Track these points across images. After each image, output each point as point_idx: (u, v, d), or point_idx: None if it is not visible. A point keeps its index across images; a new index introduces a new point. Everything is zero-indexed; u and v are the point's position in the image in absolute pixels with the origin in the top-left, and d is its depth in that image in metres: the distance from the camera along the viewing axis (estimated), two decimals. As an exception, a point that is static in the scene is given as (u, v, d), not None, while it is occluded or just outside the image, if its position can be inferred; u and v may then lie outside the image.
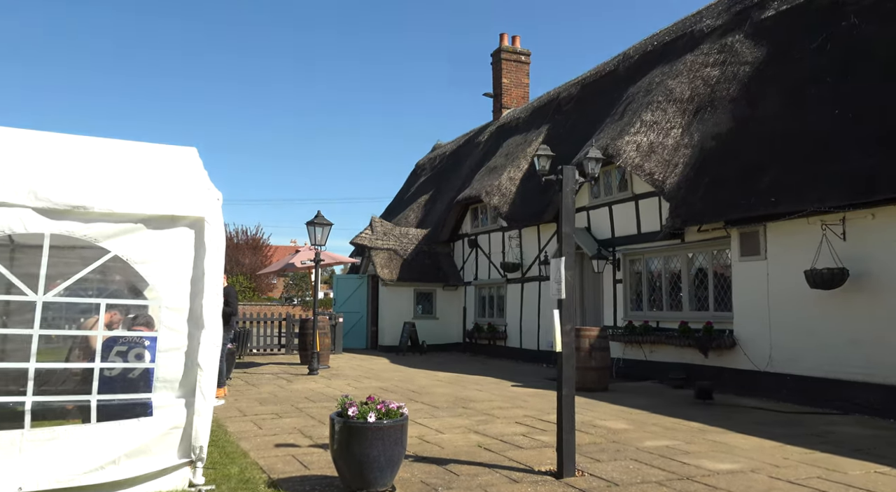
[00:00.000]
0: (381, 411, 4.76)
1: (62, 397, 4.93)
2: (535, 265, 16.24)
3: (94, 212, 4.78)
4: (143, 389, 4.97)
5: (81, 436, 4.60)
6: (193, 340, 5.00)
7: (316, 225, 13.05)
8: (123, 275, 5.83)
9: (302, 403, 9.14)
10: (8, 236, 4.73)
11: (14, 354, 5.57)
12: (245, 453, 6.04)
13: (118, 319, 6.15)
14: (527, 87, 22.42)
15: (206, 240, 5.08)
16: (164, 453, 4.83)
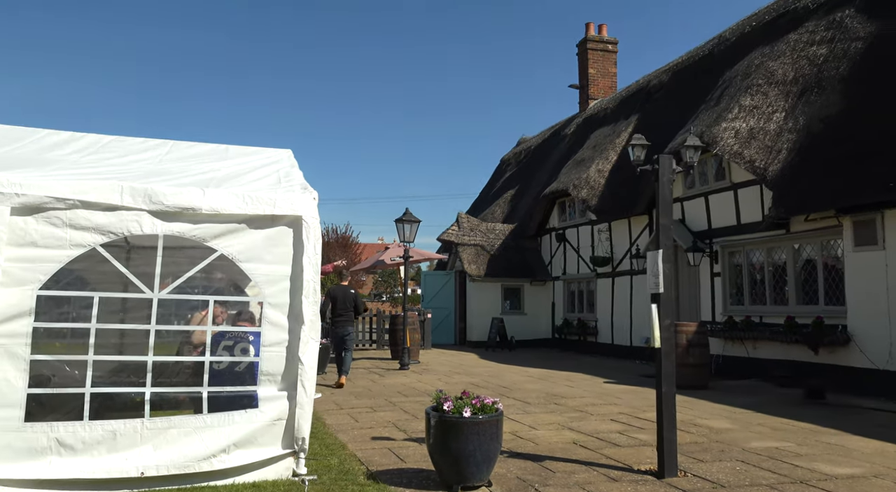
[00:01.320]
0: (477, 407, 4.76)
1: (176, 389, 5.23)
2: (627, 259, 15.80)
3: (202, 213, 5.03)
4: (248, 382, 5.19)
5: (195, 425, 4.86)
6: (294, 335, 5.17)
7: (404, 222, 13.23)
8: (228, 273, 6.12)
9: (395, 397, 9.30)
10: (124, 238, 5.05)
11: (131, 348, 5.97)
12: (343, 445, 6.20)
13: (223, 316, 6.47)
14: (614, 76, 21.82)
15: (303, 238, 5.24)
16: (269, 443, 5.04)
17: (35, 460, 4.50)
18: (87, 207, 4.77)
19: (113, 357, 5.19)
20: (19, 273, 4.58)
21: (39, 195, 4.62)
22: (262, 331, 5.17)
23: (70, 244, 4.74)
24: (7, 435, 4.44)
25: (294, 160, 7.34)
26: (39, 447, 4.51)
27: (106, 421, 4.70)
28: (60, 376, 5.24)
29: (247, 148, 7.80)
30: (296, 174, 6.42)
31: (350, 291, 11.23)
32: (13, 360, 4.51)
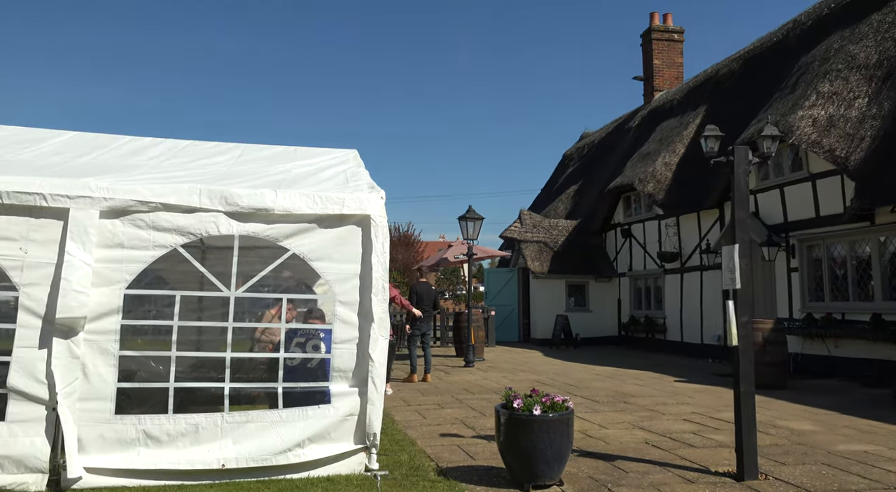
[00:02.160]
0: (547, 404, 4.71)
1: (253, 384, 5.41)
2: (696, 254, 15.33)
3: (275, 214, 5.17)
4: (321, 378, 5.31)
5: (271, 419, 5.00)
6: (364, 332, 5.25)
7: (468, 220, 13.24)
8: (299, 272, 6.27)
9: (461, 394, 9.32)
10: (200, 239, 5.23)
11: (208, 345, 6.20)
12: (413, 441, 6.26)
13: (293, 314, 6.64)
14: (680, 67, 21.18)
15: (372, 236, 5.31)
16: (341, 438, 5.13)
17: (125, 450, 4.73)
18: (169, 209, 4.98)
19: (194, 353, 5.41)
20: (108, 273, 4.82)
21: (125, 199, 4.85)
22: (333, 328, 5.26)
23: (153, 245, 4.95)
24: (99, 426, 4.68)
25: (360, 160, 7.46)
26: (129, 439, 4.74)
27: (189, 415, 4.89)
28: (145, 370, 5.50)
29: (314, 149, 7.98)
30: (362, 174, 6.52)
31: (432, 288, 11.35)
32: (104, 356, 4.75)
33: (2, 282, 5.18)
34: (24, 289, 4.64)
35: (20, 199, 4.66)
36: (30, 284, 4.66)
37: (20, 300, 4.65)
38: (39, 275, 4.69)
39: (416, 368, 10.78)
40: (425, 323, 10.97)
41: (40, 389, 4.59)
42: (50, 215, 4.74)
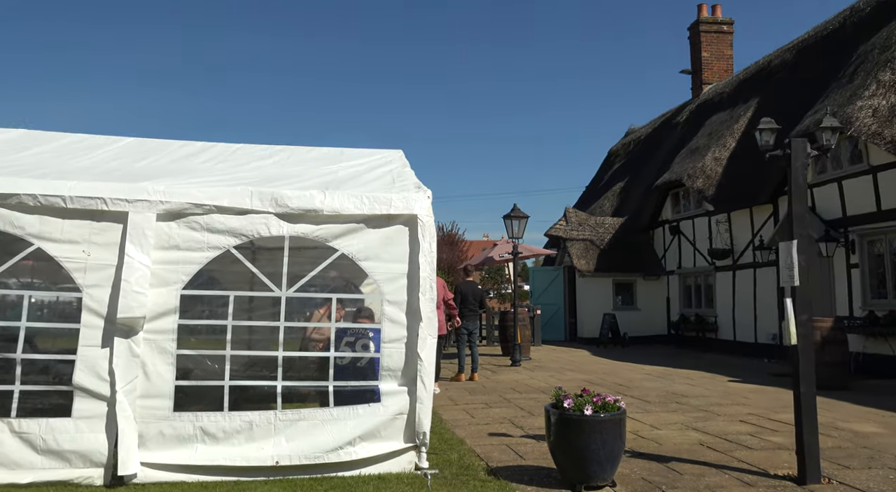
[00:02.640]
0: (598, 404, 4.64)
1: (305, 383, 5.49)
2: (749, 251, 14.91)
3: (323, 214, 5.23)
4: (370, 377, 5.35)
5: (322, 417, 5.07)
6: (412, 332, 5.27)
7: (513, 218, 13.18)
8: (346, 271, 6.33)
9: (508, 393, 9.28)
10: (250, 241, 5.32)
11: (258, 344, 6.33)
12: (461, 440, 6.26)
13: (342, 313, 6.70)
14: (730, 59, 20.63)
15: (419, 236, 5.33)
16: (391, 437, 5.17)
17: (183, 447, 4.87)
18: (222, 211, 5.09)
19: (248, 352, 5.52)
20: (165, 274, 4.97)
21: (181, 202, 4.99)
22: (381, 328, 5.30)
23: (208, 246, 5.08)
24: (159, 423, 4.83)
25: (405, 160, 7.49)
26: (186, 435, 4.87)
27: (243, 412, 5.00)
28: (200, 369, 5.65)
29: (360, 150, 8.05)
30: (408, 174, 6.55)
31: (477, 287, 11.33)
32: (162, 354, 4.89)
33: (66, 283, 5.39)
34: (87, 290, 4.82)
35: (82, 203, 4.84)
36: (92, 286, 4.83)
37: (83, 301, 4.82)
38: (101, 276, 4.86)
39: (463, 367, 10.77)
40: (472, 322, 10.94)
41: (103, 386, 4.76)
42: (110, 219, 4.91)
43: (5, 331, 5.30)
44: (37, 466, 4.60)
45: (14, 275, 5.19)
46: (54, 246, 4.83)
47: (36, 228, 4.79)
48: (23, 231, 4.78)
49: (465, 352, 10.92)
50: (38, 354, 5.09)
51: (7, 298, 7.24)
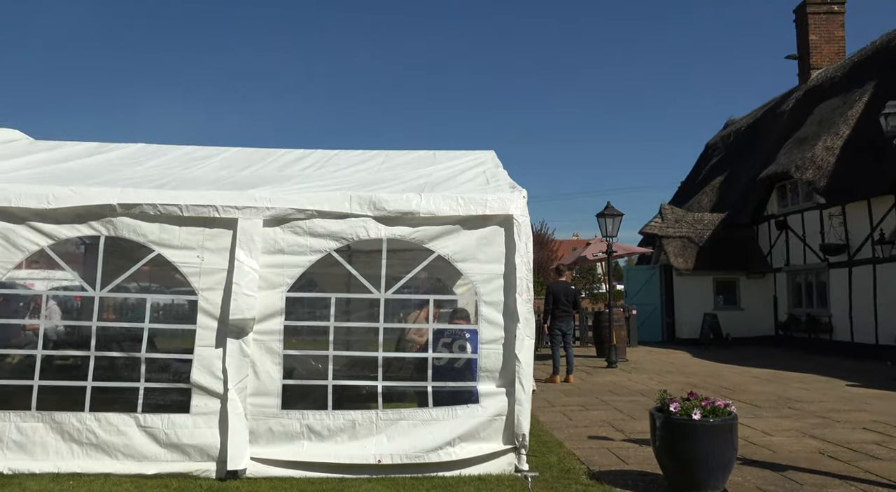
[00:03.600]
0: (707, 409, 4.44)
1: (405, 383, 5.57)
2: (867, 246, 13.83)
3: (420, 217, 5.30)
4: (468, 378, 5.36)
5: (422, 418, 5.13)
6: (510, 333, 5.24)
7: (606, 216, 12.86)
8: (439, 272, 6.38)
9: (606, 395, 9.06)
10: (346, 245, 5.44)
11: (356, 345, 6.48)
12: (560, 443, 6.16)
13: (437, 314, 6.73)
14: (841, 41, 19.21)
15: (515, 236, 5.29)
16: (490, 438, 5.15)
17: (290, 443, 5.06)
18: (323, 216, 5.26)
19: (350, 352, 5.66)
20: (272, 277, 5.18)
21: (285, 208, 5.19)
22: (479, 329, 5.30)
23: (310, 250, 5.26)
24: (268, 420, 5.04)
25: (498, 160, 7.47)
26: (294, 432, 5.06)
27: (346, 411, 5.14)
28: (304, 368, 5.85)
29: (452, 152, 8.10)
30: (502, 174, 6.52)
31: (570, 287, 11.16)
32: (270, 354, 5.11)
33: (183, 287, 5.74)
34: (201, 293, 5.11)
35: (196, 211, 5.13)
36: (207, 289, 5.11)
37: (199, 303, 5.11)
38: (214, 280, 5.13)
39: (558, 368, 10.62)
40: (566, 322, 10.76)
41: (217, 384, 5.02)
42: (221, 225, 5.18)
43: (130, 332, 5.71)
44: (160, 458, 4.92)
45: (134, 279, 5.56)
46: (172, 252, 5.14)
47: (156, 236, 5.13)
48: (145, 238, 5.13)
49: (560, 353, 10.76)
50: (159, 354, 5.43)
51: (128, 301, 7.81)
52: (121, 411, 4.98)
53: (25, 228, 5.05)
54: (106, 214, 5.10)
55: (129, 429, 4.93)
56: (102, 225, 5.11)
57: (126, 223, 5.12)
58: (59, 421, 4.91)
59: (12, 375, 5.32)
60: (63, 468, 4.80)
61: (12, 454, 4.84)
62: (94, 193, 5.08)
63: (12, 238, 5.03)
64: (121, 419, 4.94)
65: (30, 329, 8.49)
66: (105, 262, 5.22)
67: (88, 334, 5.70)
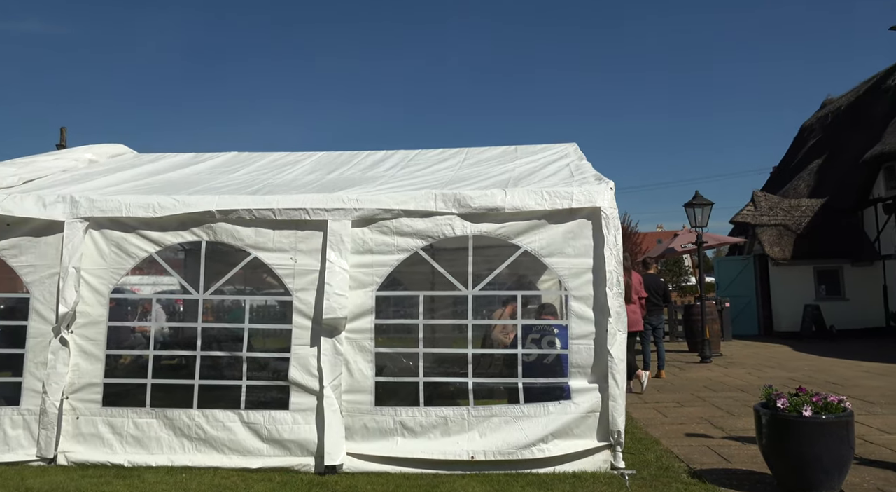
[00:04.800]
0: (819, 405, 4.19)
1: (495, 380, 5.56)
2: None
3: (505, 212, 5.27)
4: (559, 374, 5.29)
5: (514, 414, 5.11)
6: (601, 327, 5.13)
7: (695, 206, 12.39)
8: (522, 268, 6.31)
9: (701, 391, 8.72)
10: (431, 243, 5.47)
11: (440, 342, 6.51)
12: (656, 440, 5.98)
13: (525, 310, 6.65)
14: (951, 4, 17.67)
15: (603, 229, 5.17)
16: (584, 435, 5.07)
17: (384, 439, 5.15)
18: (409, 215, 5.32)
19: (439, 350, 5.71)
20: (361, 277, 5.29)
21: (372, 208, 5.29)
22: (568, 324, 5.22)
23: (397, 249, 5.33)
24: (363, 417, 5.16)
25: (581, 153, 7.34)
26: (387, 428, 5.15)
27: (438, 408, 5.18)
28: (395, 366, 5.94)
29: (534, 146, 8.03)
30: (586, 166, 6.40)
31: (659, 280, 10.85)
32: (363, 352, 5.22)
33: (275, 288, 5.95)
34: (296, 294, 5.28)
35: (289, 215, 5.31)
36: (300, 290, 5.28)
37: (293, 304, 5.29)
38: (307, 281, 5.29)
39: (649, 364, 10.31)
40: (655, 316, 10.44)
41: (313, 382, 5.18)
42: (312, 227, 5.34)
43: (230, 332, 5.98)
44: (263, 453, 5.12)
45: (230, 282, 5.81)
46: (267, 254, 5.35)
47: (252, 239, 5.35)
48: (242, 242, 5.35)
49: (651, 348, 10.44)
50: (259, 353, 5.65)
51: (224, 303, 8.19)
52: (225, 408, 5.22)
53: (135, 235, 5.38)
54: (206, 221, 5.35)
55: (234, 425, 5.17)
56: (203, 231, 5.38)
57: (224, 228, 5.36)
58: (171, 417, 5.20)
59: (125, 374, 5.68)
60: (176, 462, 5.09)
61: (131, 448, 5.17)
62: (194, 201, 5.35)
63: (124, 246, 5.38)
64: (226, 416, 5.19)
65: (139, 331, 9.09)
66: (204, 266, 5.48)
67: (190, 335, 6.02)
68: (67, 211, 5.36)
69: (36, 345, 5.30)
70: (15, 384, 5.31)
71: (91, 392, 5.26)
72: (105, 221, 5.38)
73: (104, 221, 5.38)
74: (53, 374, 5.19)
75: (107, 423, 5.22)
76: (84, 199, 5.40)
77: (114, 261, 5.38)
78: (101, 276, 5.36)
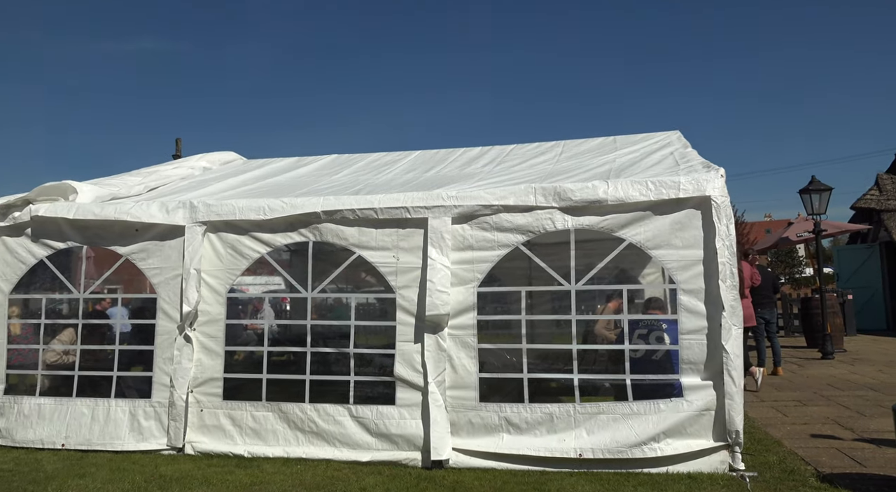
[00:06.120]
0: (970, 406, 3.79)
1: (602, 376, 5.42)
2: None
3: (608, 204, 5.12)
4: (669, 370, 5.09)
5: (622, 412, 4.96)
6: (713, 322, 4.90)
7: (812, 192, 11.57)
8: (623, 262, 6.10)
9: (825, 390, 8.13)
10: (529, 239, 5.37)
11: (540, 337, 6.41)
12: (777, 441, 5.63)
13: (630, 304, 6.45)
14: None
15: (714, 219, 4.93)
16: (698, 434, 4.85)
17: (489, 435, 5.14)
18: (508, 210, 5.28)
19: (543, 345, 5.63)
20: (462, 273, 5.31)
21: (471, 205, 5.29)
22: (678, 318, 5.01)
23: (498, 245, 5.31)
24: (467, 413, 5.17)
25: (685, 140, 7.05)
26: (492, 424, 5.14)
27: (543, 404, 5.12)
28: (498, 362, 5.91)
29: (634, 136, 7.77)
30: (692, 154, 6.13)
31: (768, 271, 10.27)
32: (466, 348, 5.24)
33: (377, 286, 6.07)
34: (399, 291, 5.37)
35: (390, 213, 5.41)
36: (403, 287, 5.36)
37: (397, 301, 5.38)
38: (409, 278, 5.37)
39: (764, 360, 9.75)
40: (768, 310, 9.86)
41: (418, 378, 5.25)
42: (413, 225, 5.41)
43: (336, 329, 6.17)
44: (372, 447, 5.25)
45: (333, 281, 5.98)
46: (370, 253, 5.47)
47: (356, 239, 5.49)
48: (346, 242, 5.51)
49: (765, 344, 9.86)
50: (365, 349, 5.79)
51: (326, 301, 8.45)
52: (334, 402, 5.40)
53: (248, 238, 5.65)
54: (312, 221, 5.54)
55: (344, 419, 5.33)
56: (310, 231, 5.57)
57: (329, 228, 5.53)
58: (285, 411, 5.43)
59: (241, 370, 5.99)
60: (291, 453, 5.31)
61: (250, 440, 5.45)
62: (301, 203, 5.55)
63: (238, 247, 5.66)
64: (336, 410, 5.36)
65: (250, 328, 9.58)
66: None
67: (297, 332, 6.24)
68: (187, 216, 5.70)
69: (163, 342, 5.68)
70: (146, 378, 5.72)
71: (213, 386, 5.58)
72: (221, 224, 5.69)
73: (220, 224, 5.69)
74: (179, 369, 5.55)
75: (227, 415, 5.52)
76: (201, 204, 5.73)
77: (229, 262, 5.68)
78: (219, 276, 5.67)
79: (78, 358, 5.96)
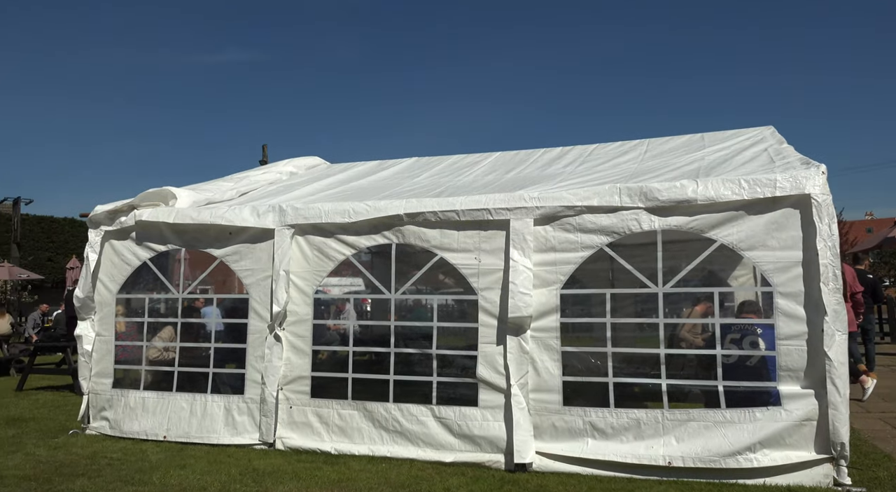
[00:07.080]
0: None
1: (693, 382, 5.23)
2: None
3: (697, 204, 4.94)
4: (765, 377, 4.85)
5: (714, 419, 4.77)
6: (814, 327, 4.63)
7: (921, 187, 10.73)
8: (712, 263, 5.84)
9: (939, 402, 7.53)
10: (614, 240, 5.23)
11: (622, 341, 6.23)
12: (888, 455, 5.26)
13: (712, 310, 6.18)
14: None
15: (815, 218, 4.65)
16: (798, 446, 4.60)
17: (574, 440, 5.06)
18: (592, 211, 5.18)
19: (629, 349, 5.49)
20: (545, 275, 5.25)
21: (554, 206, 5.23)
22: (775, 323, 4.77)
23: (581, 246, 5.22)
24: (551, 416, 5.11)
25: (780, 136, 6.72)
26: (577, 429, 5.05)
27: (629, 409, 4.98)
28: (582, 365, 5.81)
29: (723, 133, 7.47)
30: (788, 150, 5.83)
31: (868, 276, 9.66)
32: (549, 351, 5.18)
33: (457, 287, 6.08)
34: (481, 293, 5.37)
35: (471, 215, 5.42)
36: (485, 289, 5.36)
37: (479, 303, 5.38)
38: (491, 280, 5.36)
39: (874, 366, 9.16)
40: (865, 317, 9.29)
41: (500, 380, 5.23)
42: (494, 227, 5.40)
43: (418, 330, 6.23)
44: (455, 448, 5.27)
45: (414, 283, 6.03)
46: (452, 255, 5.49)
47: (438, 241, 5.53)
48: (428, 244, 5.56)
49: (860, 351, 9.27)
50: (448, 350, 5.82)
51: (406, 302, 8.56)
52: (418, 403, 5.45)
53: (334, 240, 5.81)
54: (395, 224, 5.63)
55: (427, 419, 5.38)
56: (393, 233, 5.66)
57: (412, 231, 5.60)
58: (370, 410, 5.54)
59: (326, 368, 6.15)
60: (376, 452, 5.41)
61: (336, 437, 5.59)
62: (384, 206, 5.65)
63: (325, 250, 5.83)
64: (419, 410, 5.41)
65: (333, 329, 9.83)
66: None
67: (378, 332, 6.33)
68: (277, 219, 5.92)
69: (255, 341, 5.92)
70: (239, 375, 5.98)
71: (301, 384, 5.77)
72: (308, 227, 5.87)
73: (307, 227, 5.87)
74: (270, 367, 5.76)
75: (315, 413, 5.69)
76: (290, 208, 5.93)
77: (316, 264, 5.85)
78: (306, 277, 5.85)
79: (177, 355, 6.30)
